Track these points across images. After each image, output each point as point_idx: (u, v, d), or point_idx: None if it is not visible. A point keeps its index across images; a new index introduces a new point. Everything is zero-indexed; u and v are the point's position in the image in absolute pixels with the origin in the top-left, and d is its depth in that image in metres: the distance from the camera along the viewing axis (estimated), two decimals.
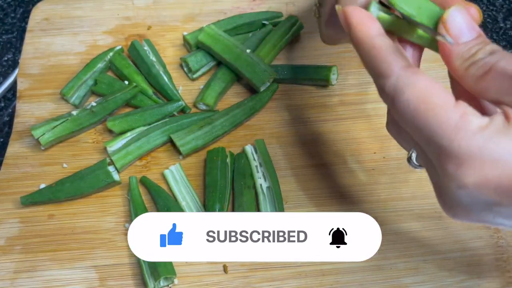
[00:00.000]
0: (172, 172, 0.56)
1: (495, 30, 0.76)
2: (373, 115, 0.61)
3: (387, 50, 0.35)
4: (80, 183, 0.54)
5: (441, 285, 0.50)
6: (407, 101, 0.33)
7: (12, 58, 0.73)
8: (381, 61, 0.34)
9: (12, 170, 0.57)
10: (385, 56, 0.34)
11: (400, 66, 0.34)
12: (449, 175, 0.32)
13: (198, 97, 0.61)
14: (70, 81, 0.62)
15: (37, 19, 0.69)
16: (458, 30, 0.35)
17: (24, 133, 0.59)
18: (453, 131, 0.31)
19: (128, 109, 0.61)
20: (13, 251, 0.52)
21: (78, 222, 0.54)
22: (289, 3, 0.71)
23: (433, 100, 0.33)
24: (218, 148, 0.56)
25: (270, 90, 0.62)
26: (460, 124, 0.31)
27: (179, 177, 0.56)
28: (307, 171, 0.57)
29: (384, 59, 0.34)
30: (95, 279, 0.50)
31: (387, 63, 0.34)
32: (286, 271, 0.51)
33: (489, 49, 0.34)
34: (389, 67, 0.34)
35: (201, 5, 0.71)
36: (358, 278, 0.50)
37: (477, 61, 0.34)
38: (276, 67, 0.64)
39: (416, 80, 0.33)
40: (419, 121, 0.33)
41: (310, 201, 0.55)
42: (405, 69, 0.34)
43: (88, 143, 0.59)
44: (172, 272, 0.49)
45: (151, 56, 0.64)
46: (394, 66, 0.34)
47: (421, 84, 0.33)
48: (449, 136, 0.32)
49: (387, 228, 0.53)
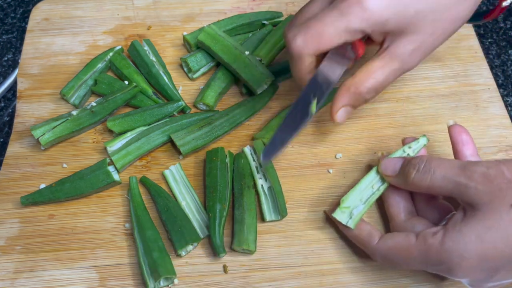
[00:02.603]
0: (172, 172, 0.56)
1: (495, 30, 0.76)
2: (373, 115, 0.61)
3: (363, 235, 0.48)
4: (80, 183, 0.54)
5: (441, 285, 0.50)
6: (395, 259, 0.46)
7: (12, 58, 0.73)
8: (363, 245, 0.49)
9: (12, 170, 0.57)
10: (363, 240, 0.48)
11: (374, 242, 0.47)
12: (453, 279, 0.46)
13: (198, 97, 0.61)
14: (70, 81, 0.62)
15: (37, 19, 0.69)
16: (391, 170, 0.48)
17: (24, 133, 0.59)
18: (428, 256, 0.43)
19: (128, 109, 0.62)
20: (13, 251, 0.52)
21: (78, 222, 0.54)
22: (289, 3, 0.71)
23: (403, 248, 0.45)
24: (217, 148, 0.56)
25: (270, 90, 0.62)
26: (427, 249, 0.43)
27: (179, 177, 0.56)
28: (307, 171, 0.57)
29: (364, 243, 0.48)
30: (96, 279, 0.50)
31: (367, 244, 0.48)
32: (286, 271, 0.51)
33: (415, 163, 0.46)
34: (369, 247, 0.48)
35: (201, 5, 0.71)
36: (358, 278, 0.51)
37: (414, 178, 0.46)
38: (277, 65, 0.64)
39: (387, 244, 0.46)
40: (410, 264, 0.45)
41: (310, 201, 0.55)
42: (378, 242, 0.47)
43: (88, 143, 0.59)
44: (172, 272, 0.49)
45: (151, 56, 0.64)
46: (372, 245, 0.47)
47: (391, 244, 0.46)
48: (430, 260, 0.43)
49: (387, 228, 0.53)
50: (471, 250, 0.41)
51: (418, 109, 0.62)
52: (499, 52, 0.74)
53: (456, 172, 0.43)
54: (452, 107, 0.62)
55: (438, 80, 0.64)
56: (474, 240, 0.41)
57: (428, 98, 0.63)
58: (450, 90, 0.63)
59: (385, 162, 0.49)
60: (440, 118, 0.61)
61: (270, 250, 0.52)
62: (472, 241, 0.41)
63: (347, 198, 0.49)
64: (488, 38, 0.75)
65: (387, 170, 0.48)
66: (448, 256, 0.42)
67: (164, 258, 0.50)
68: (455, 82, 0.64)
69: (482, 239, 0.41)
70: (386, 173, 0.48)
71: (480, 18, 0.58)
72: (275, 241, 0.52)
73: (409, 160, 0.47)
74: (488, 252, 0.41)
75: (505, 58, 0.73)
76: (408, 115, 0.61)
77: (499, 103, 0.62)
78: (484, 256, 0.41)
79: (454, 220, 0.43)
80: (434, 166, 0.44)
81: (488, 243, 0.41)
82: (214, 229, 0.51)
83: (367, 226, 0.49)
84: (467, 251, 0.41)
